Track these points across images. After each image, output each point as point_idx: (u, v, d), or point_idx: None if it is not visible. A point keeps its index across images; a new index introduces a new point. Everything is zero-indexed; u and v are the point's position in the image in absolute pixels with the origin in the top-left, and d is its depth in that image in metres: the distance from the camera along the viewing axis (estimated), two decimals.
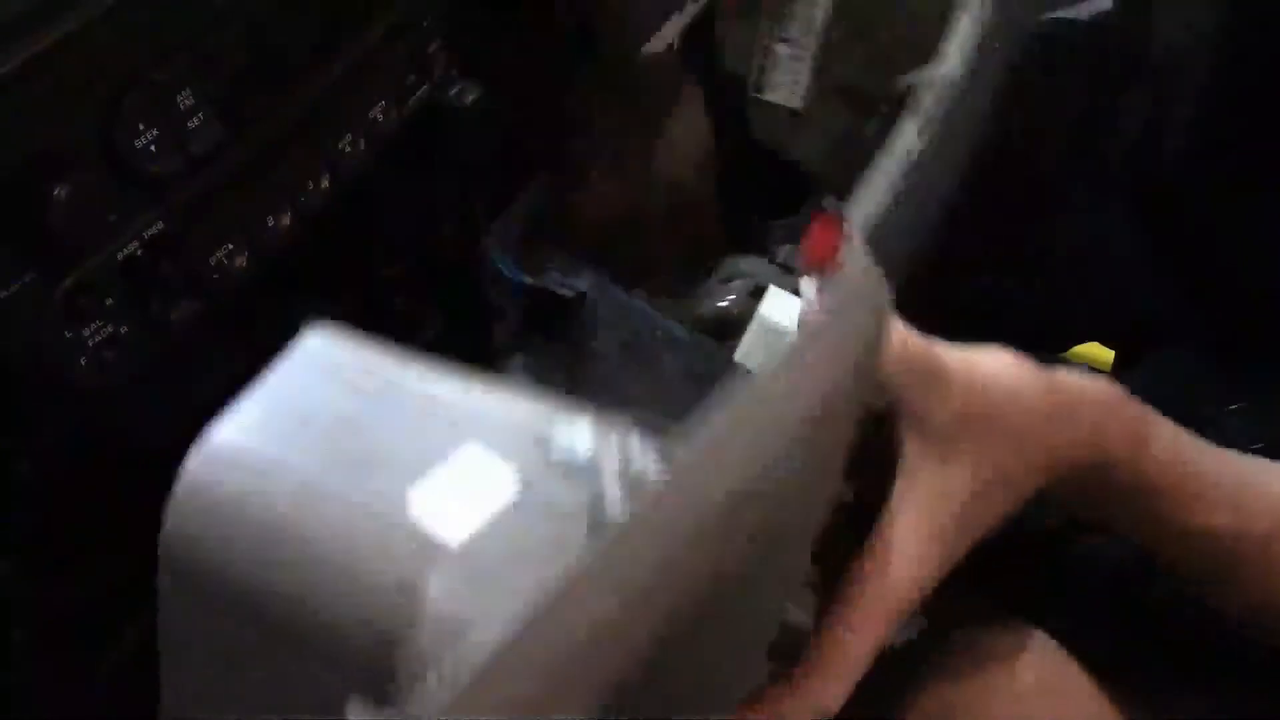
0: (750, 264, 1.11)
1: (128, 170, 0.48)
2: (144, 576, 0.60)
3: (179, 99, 0.49)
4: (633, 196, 1.02)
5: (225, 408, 0.33)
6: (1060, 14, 0.79)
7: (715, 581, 0.27)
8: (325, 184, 0.58)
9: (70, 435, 0.55)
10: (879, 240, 0.34)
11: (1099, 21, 0.79)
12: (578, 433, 0.33)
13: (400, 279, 0.76)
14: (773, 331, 1.02)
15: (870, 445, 0.45)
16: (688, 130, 1.06)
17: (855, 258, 0.34)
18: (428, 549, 0.30)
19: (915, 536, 0.44)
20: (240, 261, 0.54)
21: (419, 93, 0.63)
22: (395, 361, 0.35)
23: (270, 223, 0.55)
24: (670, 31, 0.98)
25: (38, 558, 0.54)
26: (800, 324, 0.38)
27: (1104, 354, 1.25)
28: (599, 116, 0.95)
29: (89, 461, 0.58)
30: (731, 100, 1.05)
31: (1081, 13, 0.82)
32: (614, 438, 0.33)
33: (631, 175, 1.02)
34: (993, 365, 0.46)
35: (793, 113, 1.04)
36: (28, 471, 0.53)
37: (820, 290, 0.35)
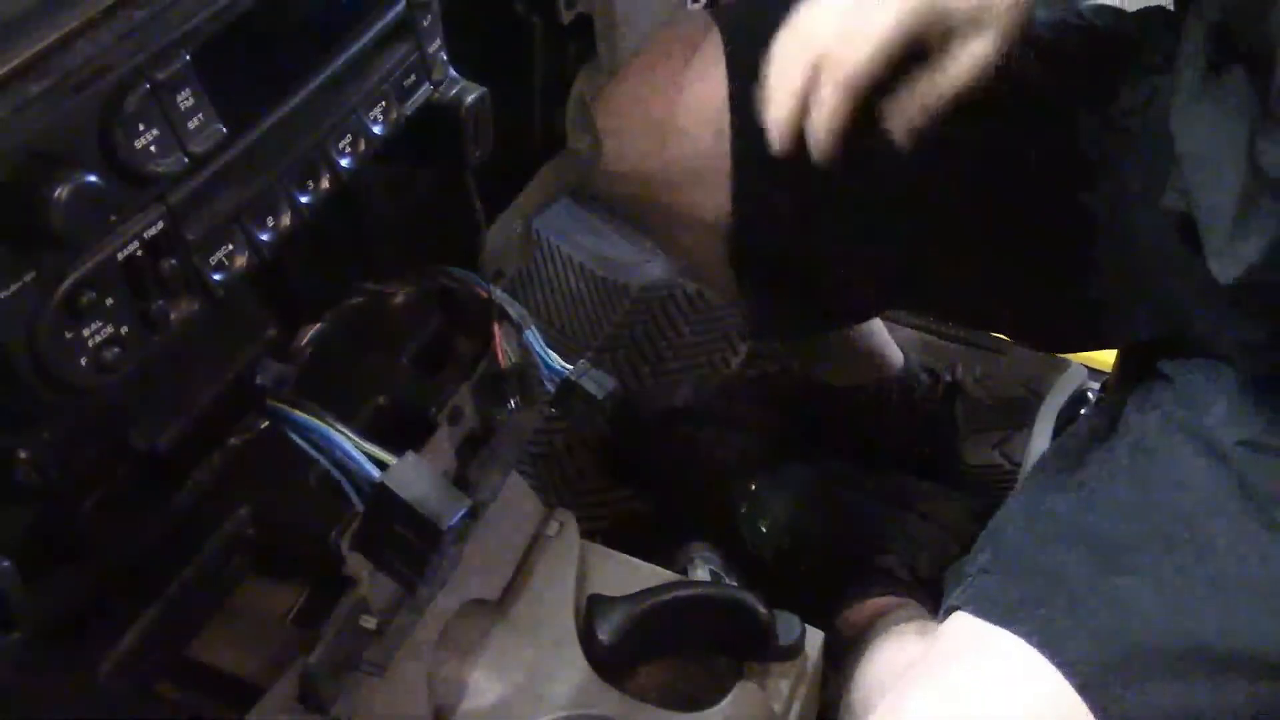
0: None
1: (128, 170, 0.48)
2: (144, 576, 0.60)
3: (179, 99, 0.49)
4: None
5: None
6: None
7: None
8: (325, 184, 0.58)
9: (70, 435, 0.55)
10: None
11: None
12: None
13: (399, 279, 0.76)
14: None
15: None
16: None
17: None
18: None
19: None
20: (240, 261, 0.54)
21: (419, 93, 0.63)
22: None
23: (270, 223, 0.55)
24: None
25: (38, 558, 0.54)
26: None
27: (1105, 355, 1.24)
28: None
29: (89, 461, 0.58)
30: None
31: None
32: None
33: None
34: None
35: None
36: (27, 471, 0.53)
37: None
